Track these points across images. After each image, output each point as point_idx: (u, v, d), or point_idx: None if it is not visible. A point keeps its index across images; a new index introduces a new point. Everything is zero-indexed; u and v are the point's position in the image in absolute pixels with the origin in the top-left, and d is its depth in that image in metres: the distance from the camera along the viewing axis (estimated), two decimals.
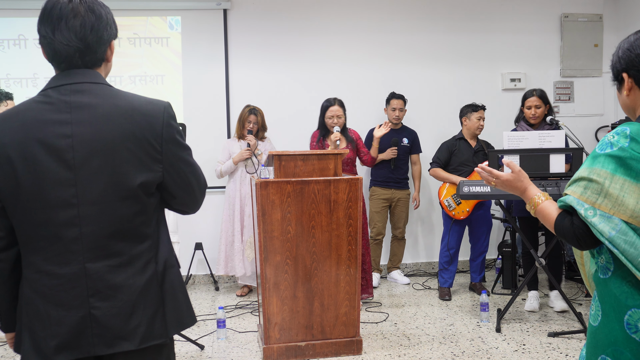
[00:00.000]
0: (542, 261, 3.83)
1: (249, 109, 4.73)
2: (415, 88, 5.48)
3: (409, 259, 5.57)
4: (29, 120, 1.38)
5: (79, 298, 1.38)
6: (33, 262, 1.41)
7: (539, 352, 3.39)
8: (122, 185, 1.39)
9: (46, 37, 1.41)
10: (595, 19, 5.78)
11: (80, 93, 1.40)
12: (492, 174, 1.76)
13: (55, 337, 1.38)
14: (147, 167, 1.41)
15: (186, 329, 1.54)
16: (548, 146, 3.75)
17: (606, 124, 5.78)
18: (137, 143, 1.40)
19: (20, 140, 1.37)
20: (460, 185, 3.87)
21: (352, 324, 3.40)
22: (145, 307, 1.43)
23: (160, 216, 1.52)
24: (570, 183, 1.50)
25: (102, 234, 1.39)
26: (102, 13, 1.44)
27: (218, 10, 5.23)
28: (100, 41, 1.44)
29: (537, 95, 4.11)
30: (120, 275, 1.41)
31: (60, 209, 1.37)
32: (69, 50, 1.40)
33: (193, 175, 1.52)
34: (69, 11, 1.39)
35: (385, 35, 5.47)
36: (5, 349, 3.67)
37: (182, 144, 1.48)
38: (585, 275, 1.62)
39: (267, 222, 3.27)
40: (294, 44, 5.35)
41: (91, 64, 1.44)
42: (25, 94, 5.01)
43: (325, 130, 4.34)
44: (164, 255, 1.49)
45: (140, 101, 1.44)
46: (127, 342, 1.40)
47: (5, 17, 4.99)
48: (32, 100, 1.42)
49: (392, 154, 4.90)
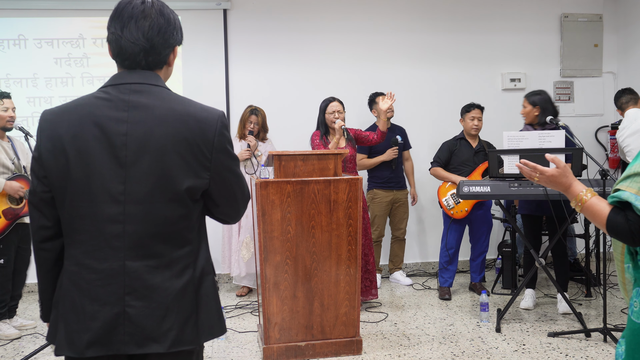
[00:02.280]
0: (542, 261, 3.83)
1: (250, 109, 4.73)
2: (415, 88, 5.48)
3: (409, 259, 5.57)
4: (86, 115, 1.41)
5: (114, 295, 1.39)
6: (74, 255, 1.43)
7: (538, 352, 3.39)
8: (170, 188, 1.41)
9: (115, 33, 1.44)
10: (595, 19, 5.78)
11: (139, 93, 1.43)
12: (537, 169, 1.67)
13: (88, 331, 1.39)
14: (195, 173, 1.43)
15: (216, 337, 1.54)
16: (548, 146, 3.74)
17: (606, 124, 5.78)
18: (189, 148, 1.42)
19: (76, 133, 1.39)
20: (460, 185, 3.87)
21: (352, 324, 3.40)
22: (179, 312, 1.43)
23: (202, 223, 1.53)
24: (623, 179, 1.47)
25: (145, 233, 1.41)
26: (171, 18, 1.48)
27: (218, 10, 5.23)
28: (166, 44, 1.47)
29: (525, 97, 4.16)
30: (157, 277, 1.41)
31: (106, 204, 1.39)
32: (135, 49, 1.43)
33: (238, 186, 1.53)
34: (140, 12, 1.43)
35: (386, 35, 5.47)
36: (5, 349, 3.67)
37: (232, 155, 1.50)
38: (621, 272, 1.57)
39: (267, 222, 3.27)
40: (294, 44, 5.35)
41: (154, 64, 1.47)
42: (25, 94, 5.02)
43: (325, 128, 4.32)
44: (202, 262, 1.50)
45: (196, 107, 1.47)
46: (158, 344, 1.40)
47: (5, 17, 4.99)
48: (91, 96, 1.45)
49: (394, 154, 4.87)
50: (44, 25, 5.00)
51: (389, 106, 4.16)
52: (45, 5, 4.97)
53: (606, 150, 5.77)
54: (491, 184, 3.80)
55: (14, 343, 3.77)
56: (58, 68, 5.07)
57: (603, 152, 5.79)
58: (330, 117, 4.26)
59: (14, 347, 3.69)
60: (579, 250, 5.15)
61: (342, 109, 4.29)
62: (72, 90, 5.04)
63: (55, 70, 5.07)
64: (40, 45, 5.01)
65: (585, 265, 4.66)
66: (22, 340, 3.81)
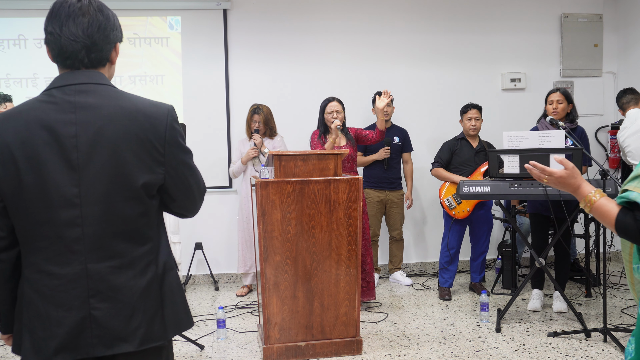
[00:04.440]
0: (542, 261, 3.83)
1: (253, 108, 4.74)
2: (415, 88, 5.48)
3: (409, 259, 5.58)
4: (32, 120, 1.38)
5: (79, 299, 1.38)
6: (34, 262, 1.41)
7: (538, 352, 3.39)
8: (125, 186, 1.40)
9: (53, 33, 1.42)
10: (595, 19, 5.78)
11: (85, 93, 1.41)
12: (545, 171, 1.69)
13: (54, 338, 1.38)
14: (149, 169, 1.42)
15: (184, 331, 1.54)
16: (548, 146, 3.74)
17: (606, 124, 5.78)
18: (140, 144, 1.40)
19: (24, 139, 1.37)
20: (461, 185, 3.87)
21: (352, 324, 3.40)
22: (145, 309, 1.43)
23: (160, 219, 1.52)
24: (631, 179, 1.48)
25: (104, 234, 1.39)
26: (109, 15, 1.47)
27: (218, 10, 5.23)
28: (107, 40, 1.45)
29: (561, 92, 4.14)
30: (121, 277, 1.41)
31: (62, 208, 1.37)
32: (76, 46, 1.41)
33: (193, 179, 1.53)
34: (77, 9, 1.41)
35: (386, 35, 5.47)
36: (5, 349, 3.67)
37: (185, 148, 1.50)
38: (630, 272, 1.58)
39: (267, 222, 3.27)
40: (294, 44, 5.35)
41: (97, 62, 1.45)
42: (25, 94, 5.01)
43: (325, 127, 4.33)
44: (163, 257, 1.49)
45: (144, 103, 1.45)
46: (127, 343, 1.40)
47: (5, 17, 4.99)
48: (35, 100, 1.42)
49: (385, 154, 4.87)
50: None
51: (385, 104, 4.14)
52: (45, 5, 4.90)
53: (606, 150, 5.77)
54: (491, 184, 3.80)
55: None
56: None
57: (603, 152, 5.79)
58: (328, 117, 4.27)
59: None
60: (579, 250, 5.15)
61: (341, 109, 4.29)
62: None
63: (55, 70, 4.94)
64: (40, 45, 5.01)
65: (585, 265, 4.66)
66: None
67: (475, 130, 4.63)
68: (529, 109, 5.40)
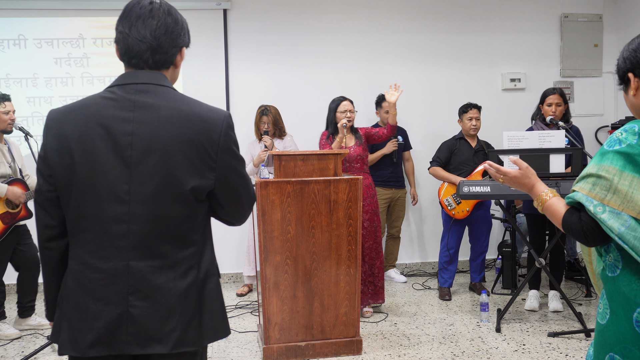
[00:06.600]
0: (542, 261, 3.84)
1: (261, 109, 4.72)
2: (415, 88, 5.48)
3: (409, 259, 5.58)
4: (92, 114, 1.41)
5: (118, 294, 1.39)
6: (78, 254, 1.43)
7: (538, 352, 3.39)
8: (174, 188, 1.41)
9: (123, 32, 1.45)
10: (595, 19, 5.78)
11: (145, 93, 1.43)
12: (500, 171, 1.77)
13: (91, 331, 1.39)
14: (200, 173, 1.43)
15: (220, 339, 1.54)
16: (548, 146, 3.75)
17: (606, 124, 5.78)
18: (194, 148, 1.42)
19: (82, 132, 1.40)
20: (460, 185, 3.87)
21: (352, 324, 3.40)
22: (182, 313, 1.43)
23: (207, 224, 1.53)
24: (579, 180, 1.50)
25: (149, 233, 1.41)
26: (179, 19, 1.50)
27: (218, 10, 5.23)
28: (173, 43, 1.48)
29: (559, 93, 4.14)
30: (161, 277, 1.41)
31: (111, 204, 1.40)
32: (142, 47, 1.44)
33: (244, 188, 1.53)
34: (148, 11, 1.45)
35: (386, 35, 5.47)
36: (5, 349, 3.67)
37: (237, 156, 1.50)
38: (592, 273, 1.61)
39: (267, 222, 3.27)
40: (294, 44, 5.35)
41: (160, 64, 1.48)
42: (25, 94, 5.02)
43: (334, 127, 4.26)
44: (206, 263, 1.50)
45: (202, 108, 1.47)
46: (160, 345, 1.40)
47: (5, 17, 4.99)
48: (98, 96, 1.46)
49: (394, 147, 4.92)
50: (44, 25, 5.00)
51: (397, 98, 4.12)
52: (45, 5, 4.96)
53: None
54: (491, 184, 3.80)
55: (14, 343, 3.77)
56: (58, 68, 5.06)
57: None
58: (341, 116, 4.21)
59: (14, 347, 3.69)
60: (579, 250, 5.15)
61: (352, 108, 4.26)
62: (72, 90, 5.04)
63: (55, 70, 5.06)
64: (40, 45, 5.01)
65: (584, 265, 4.67)
66: (23, 340, 3.81)
67: (476, 130, 4.63)
68: (529, 109, 5.36)
